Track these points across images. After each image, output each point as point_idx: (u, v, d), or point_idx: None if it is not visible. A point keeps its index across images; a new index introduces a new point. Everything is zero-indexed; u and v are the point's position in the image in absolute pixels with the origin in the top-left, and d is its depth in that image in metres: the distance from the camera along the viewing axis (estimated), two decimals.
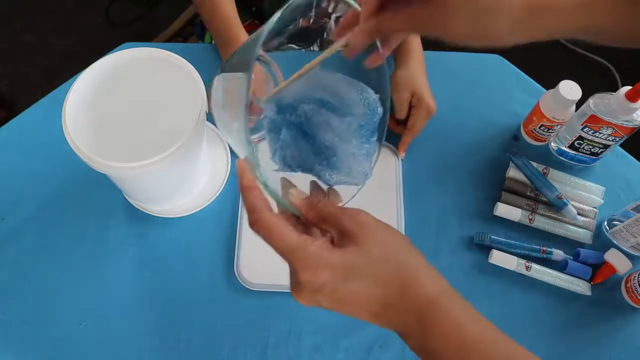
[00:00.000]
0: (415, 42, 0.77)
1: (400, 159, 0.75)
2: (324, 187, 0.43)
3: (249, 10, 0.93)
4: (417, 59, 0.75)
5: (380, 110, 0.42)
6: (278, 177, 0.42)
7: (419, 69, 0.75)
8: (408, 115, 0.74)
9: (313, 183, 0.43)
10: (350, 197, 0.44)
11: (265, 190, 0.37)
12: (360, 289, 0.35)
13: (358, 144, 0.42)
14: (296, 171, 0.42)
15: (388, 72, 0.46)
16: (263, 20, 0.94)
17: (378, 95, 0.42)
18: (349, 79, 0.42)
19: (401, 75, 0.74)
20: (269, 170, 0.42)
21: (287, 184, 0.41)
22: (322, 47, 0.92)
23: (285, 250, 0.35)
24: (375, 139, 0.43)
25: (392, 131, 0.75)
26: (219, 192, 0.70)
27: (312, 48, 0.90)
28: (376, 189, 0.72)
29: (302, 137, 0.42)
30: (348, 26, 0.40)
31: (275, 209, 0.38)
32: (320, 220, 0.38)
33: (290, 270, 0.36)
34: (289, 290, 0.36)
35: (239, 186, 0.37)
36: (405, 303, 0.35)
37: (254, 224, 0.36)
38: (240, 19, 0.77)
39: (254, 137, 0.43)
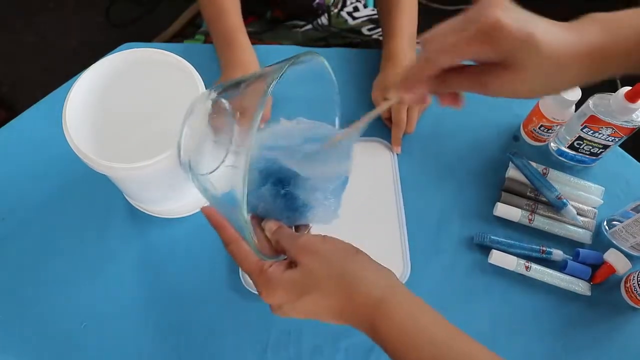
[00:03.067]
0: (399, 47, 0.77)
1: (395, 154, 0.75)
2: None
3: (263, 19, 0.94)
4: (397, 63, 0.76)
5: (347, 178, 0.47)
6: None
7: (395, 71, 0.76)
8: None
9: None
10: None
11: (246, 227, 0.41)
12: (313, 302, 0.40)
13: (331, 200, 0.46)
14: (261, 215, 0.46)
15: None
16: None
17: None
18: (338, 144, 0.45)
19: (377, 79, 0.77)
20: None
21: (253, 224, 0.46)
22: (329, 23, 0.93)
23: (250, 272, 0.42)
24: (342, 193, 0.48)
25: (389, 128, 0.76)
26: None
27: (319, 21, 0.90)
28: (373, 185, 0.73)
29: (282, 195, 0.45)
30: (413, 85, 0.40)
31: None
32: (278, 246, 0.44)
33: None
34: None
35: (212, 225, 0.44)
36: (354, 308, 0.40)
37: (234, 255, 0.44)
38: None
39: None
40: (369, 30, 0.96)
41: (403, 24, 0.78)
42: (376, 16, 0.97)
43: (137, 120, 0.64)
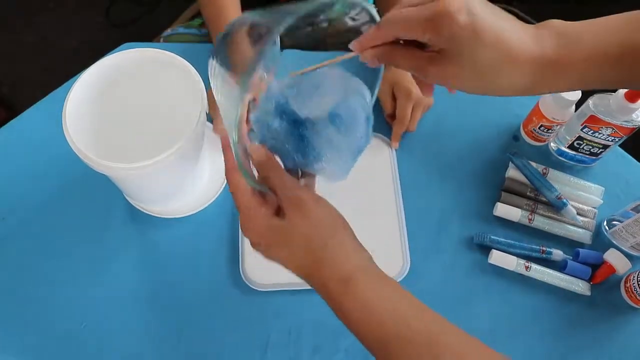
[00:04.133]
0: None
1: (394, 150, 0.75)
2: None
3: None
4: None
5: (369, 139, 0.45)
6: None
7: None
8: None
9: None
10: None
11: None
12: (284, 257, 0.41)
13: (344, 161, 0.44)
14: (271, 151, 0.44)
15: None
16: None
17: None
18: (362, 90, 0.44)
19: (385, 76, 0.76)
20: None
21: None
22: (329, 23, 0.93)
23: (239, 206, 0.42)
24: (356, 160, 0.45)
25: (389, 125, 0.76)
26: (219, 192, 0.70)
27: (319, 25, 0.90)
28: (372, 179, 0.73)
29: (296, 137, 0.43)
30: (366, 44, 0.40)
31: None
32: (271, 190, 0.43)
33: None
34: (293, 288, 0.40)
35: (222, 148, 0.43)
36: (320, 280, 0.40)
37: (229, 183, 0.43)
38: None
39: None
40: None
41: None
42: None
43: (137, 120, 0.64)
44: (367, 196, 0.72)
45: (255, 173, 0.44)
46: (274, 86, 0.43)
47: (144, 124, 0.65)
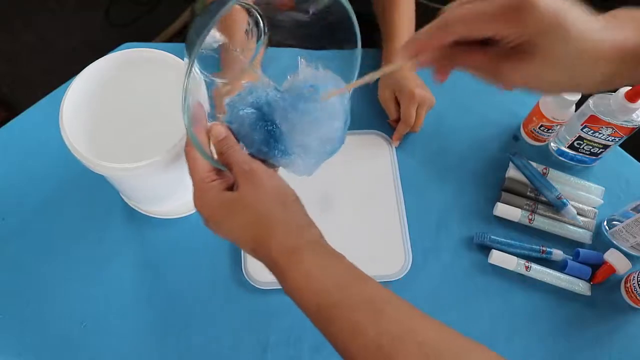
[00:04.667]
0: (397, 43, 0.77)
1: (394, 149, 0.75)
2: None
3: None
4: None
5: (343, 142, 0.46)
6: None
7: (401, 71, 0.75)
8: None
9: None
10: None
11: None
12: (232, 228, 0.41)
13: (312, 160, 0.45)
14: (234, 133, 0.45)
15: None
16: None
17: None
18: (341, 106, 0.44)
19: (382, 78, 0.77)
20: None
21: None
22: None
23: (194, 180, 0.42)
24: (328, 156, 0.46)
25: (394, 128, 0.76)
26: None
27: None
28: (372, 176, 0.73)
29: (265, 130, 0.44)
30: (421, 48, 0.36)
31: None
32: (226, 164, 0.43)
33: None
34: None
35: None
36: (266, 249, 0.40)
37: (186, 159, 0.43)
38: None
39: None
40: None
41: (402, 23, 0.78)
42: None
43: (135, 120, 0.64)
44: (367, 195, 0.72)
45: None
46: (260, 82, 0.45)
47: (142, 124, 0.64)
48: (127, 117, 0.64)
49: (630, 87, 0.64)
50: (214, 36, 0.53)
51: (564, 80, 0.34)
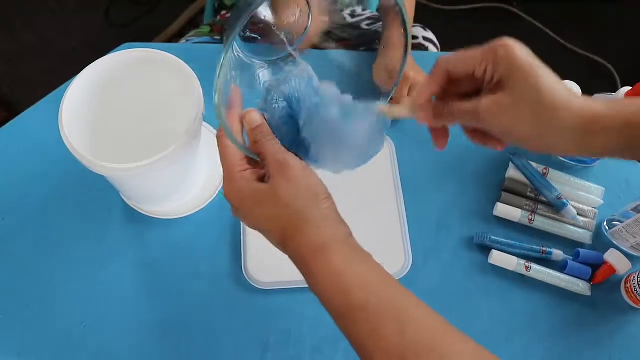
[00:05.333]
0: (398, 34, 0.77)
1: (394, 149, 0.75)
2: None
3: None
4: (397, 46, 0.76)
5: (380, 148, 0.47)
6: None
7: (397, 53, 0.75)
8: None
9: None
10: None
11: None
12: (262, 219, 0.41)
13: (340, 166, 0.45)
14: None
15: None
16: None
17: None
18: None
19: (377, 62, 0.75)
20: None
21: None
22: None
23: (224, 167, 0.42)
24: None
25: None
26: (217, 193, 0.70)
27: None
28: (372, 179, 0.73)
29: (293, 128, 0.44)
30: (422, 97, 0.43)
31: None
32: (259, 155, 0.43)
33: None
34: (295, 286, 0.41)
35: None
36: (294, 244, 0.40)
37: (219, 147, 0.43)
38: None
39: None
40: (368, 25, 0.96)
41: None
42: (377, 14, 0.97)
43: (135, 120, 0.64)
44: (367, 195, 0.72)
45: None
46: (299, 70, 0.44)
47: (142, 124, 0.65)
48: (127, 117, 0.64)
49: (630, 88, 0.64)
50: (262, 12, 0.51)
51: (537, 129, 0.37)
